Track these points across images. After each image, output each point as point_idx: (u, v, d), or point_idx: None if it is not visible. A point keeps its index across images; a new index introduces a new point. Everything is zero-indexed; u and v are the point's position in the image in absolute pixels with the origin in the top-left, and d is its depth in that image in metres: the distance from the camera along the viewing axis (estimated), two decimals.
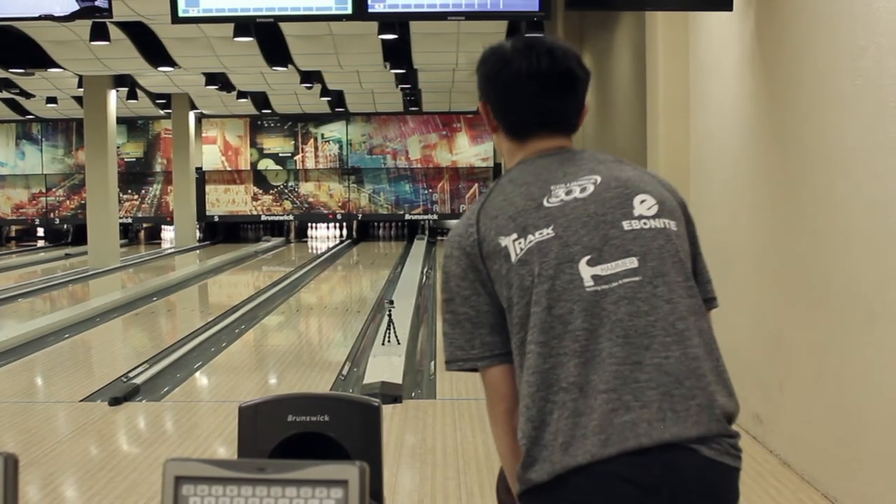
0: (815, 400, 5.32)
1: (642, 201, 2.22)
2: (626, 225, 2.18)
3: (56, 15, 7.42)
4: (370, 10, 6.47)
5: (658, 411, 2.05)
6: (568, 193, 2.22)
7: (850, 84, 4.74)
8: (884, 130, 4.40)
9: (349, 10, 6.47)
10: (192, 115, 28.31)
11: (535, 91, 2.31)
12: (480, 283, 2.26)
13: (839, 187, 4.91)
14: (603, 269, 2.13)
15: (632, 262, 2.15)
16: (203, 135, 30.44)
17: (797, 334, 5.56)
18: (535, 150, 2.34)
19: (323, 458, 2.70)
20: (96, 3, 7.38)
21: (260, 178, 30.86)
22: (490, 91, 2.37)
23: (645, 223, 2.19)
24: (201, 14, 6.61)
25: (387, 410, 7.15)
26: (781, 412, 5.85)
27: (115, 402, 7.64)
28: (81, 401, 7.87)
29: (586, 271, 2.13)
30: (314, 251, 27.03)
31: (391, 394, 7.55)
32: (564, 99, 2.34)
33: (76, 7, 7.24)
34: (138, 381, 8.38)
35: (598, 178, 2.24)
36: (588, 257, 2.14)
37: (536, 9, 6.43)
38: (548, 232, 2.17)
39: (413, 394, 7.92)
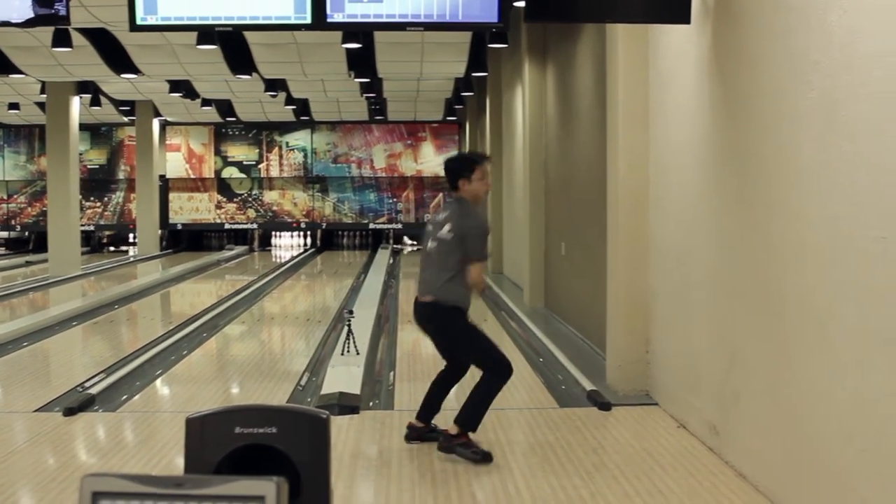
0: (769, 412, 5.34)
1: (445, 228, 6.28)
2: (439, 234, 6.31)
3: (13, 21, 7.34)
4: (329, 20, 6.45)
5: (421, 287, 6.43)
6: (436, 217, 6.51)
7: (804, 98, 4.77)
8: (836, 145, 4.42)
9: (308, 20, 6.45)
10: (156, 123, 28.23)
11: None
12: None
13: (792, 201, 4.94)
14: (431, 244, 6.33)
15: (433, 243, 6.31)
16: (167, 142, 30.35)
17: (752, 346, 5.59)
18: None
19: (271, 470, 2.69)
20: (55, 10, 7.32)
21: (224, 187, 30.78)
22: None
23: (443, 235, 6.27)
24: (159, 22, 6.56)
25: (344, 421, 7.13)
26: (737, 424, 5.87)
27: (70, 412, 7.55)
28: (36, 411, 7.79)
29: (430, 243, 6.34)
30: (278, 260, 26.96)
31: (349, 404, 7.53)
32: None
33: (32, 14, 7.19)
34: (94, 390, 8.30)
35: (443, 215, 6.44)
36: (429, 238, 6.37)
37: (496, 20, 6.44)
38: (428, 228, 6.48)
39: (371, 404, 7.89)
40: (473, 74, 19.45)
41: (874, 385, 4.12)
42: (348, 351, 9.42)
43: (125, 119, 28.09)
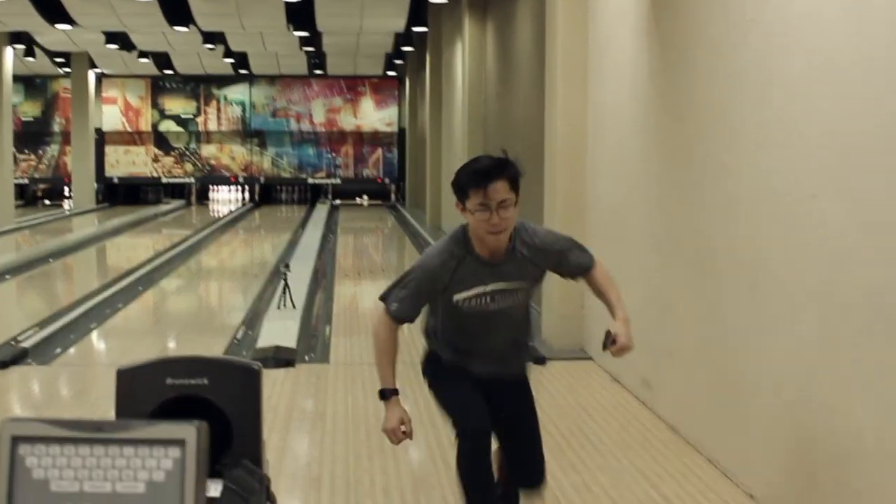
0: (701, 366, 5.41)
1: None
2: None
3: None
4: None
5: None
6: None
7: (740, 57, 4.81)
8: (770, 104, 4.47)
9: None
10: (91, 75, 27.78)
11: None
12: None
13: (726, 158, 4.99)
14: None
15: None
16: (103, 95, 29.94)
17: (685, 301, 5.65)
18: None
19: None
20: None
21: (161, 140, 30.44)
22: None
23: None
24: None
25: (279, 374, 7.12)
26: (669, 378, 5.95)
27: (2, 365, 7.45)
28: None
29: None
30: (215, 214, 26.77)
31: (284, 358, 7.52)
32: None
33: None
34: (27, 344, 8.21)
35: None
36: None
37: None
38: None
39: (307, 358, 7.89)
40: (414, 30, 19.37)
41: (802, 338, 4.18)
42: (284, 305, 9.40)
43: (60, 71, 27.65)
